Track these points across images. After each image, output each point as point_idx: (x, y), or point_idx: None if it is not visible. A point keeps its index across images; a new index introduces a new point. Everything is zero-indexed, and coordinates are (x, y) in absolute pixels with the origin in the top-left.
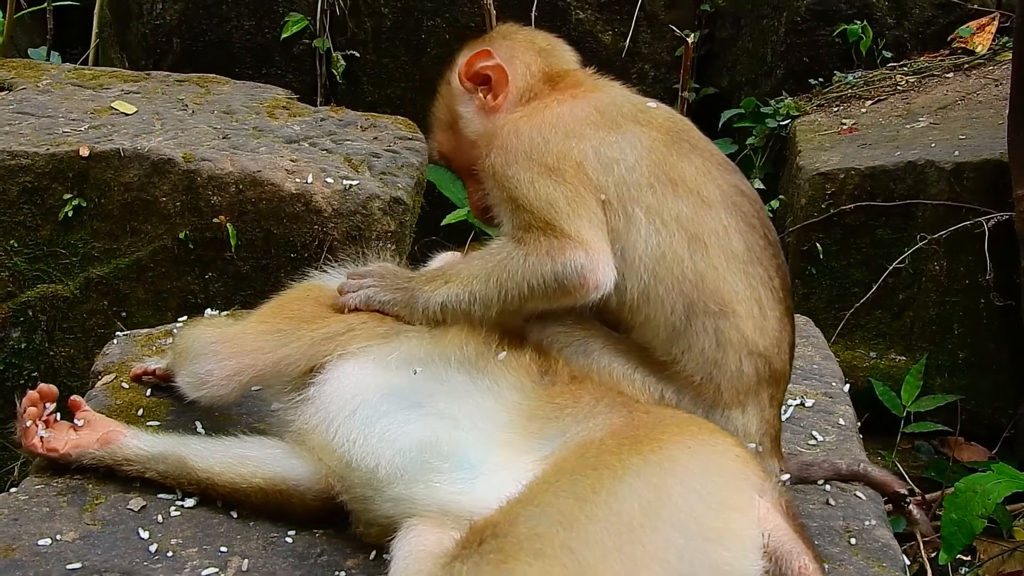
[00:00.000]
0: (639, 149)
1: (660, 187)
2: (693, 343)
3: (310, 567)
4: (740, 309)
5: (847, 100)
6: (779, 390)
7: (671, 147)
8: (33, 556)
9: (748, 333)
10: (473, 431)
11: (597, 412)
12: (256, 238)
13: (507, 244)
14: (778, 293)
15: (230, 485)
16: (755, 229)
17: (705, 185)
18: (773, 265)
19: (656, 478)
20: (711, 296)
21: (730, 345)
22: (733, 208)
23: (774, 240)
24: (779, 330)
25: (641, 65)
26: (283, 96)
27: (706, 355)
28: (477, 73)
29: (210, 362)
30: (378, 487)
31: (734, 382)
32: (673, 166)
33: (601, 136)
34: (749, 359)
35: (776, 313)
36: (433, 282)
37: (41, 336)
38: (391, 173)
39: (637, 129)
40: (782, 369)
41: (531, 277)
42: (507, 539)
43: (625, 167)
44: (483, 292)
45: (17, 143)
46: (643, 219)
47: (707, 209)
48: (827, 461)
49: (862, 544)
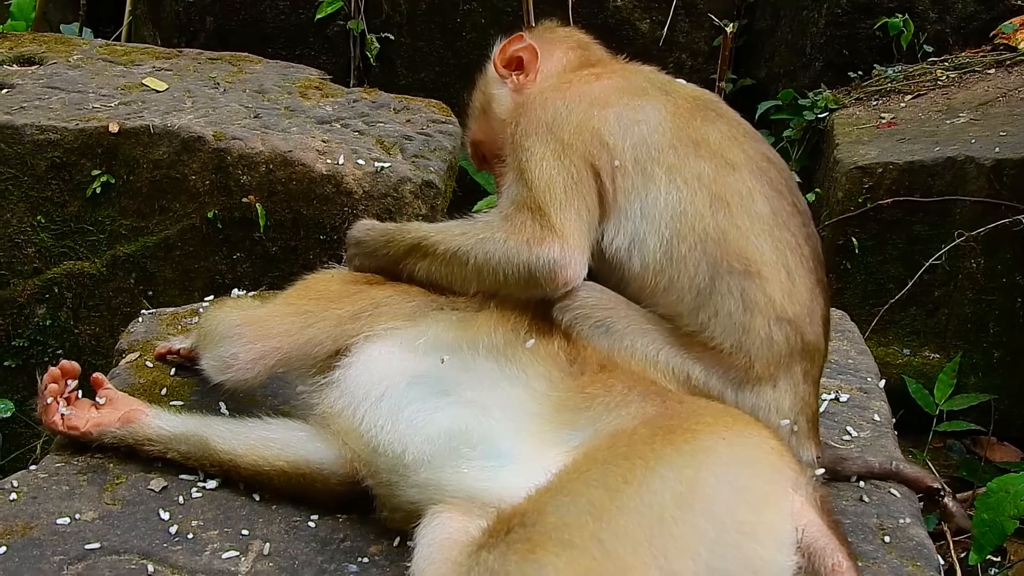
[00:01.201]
0: (662, 113)
1: (682, 148)
2: (720, 307)
3: (332, 552)
4: (766, 271)
5: (886, 94)
6: (814, 365)
7: (696, 112)
8: (52, 535)
9: (776, 296)
10: (503, 420)
11: (630, 401)
12: (285, 219)
13: (494, 221)
14: (808, 262)
15: (253, 467)
16: (783, 196)
17: (730, 148)
18: (803, 233)
19: (689, 469)
20: (735, 255)
21: (757, 308)
22: (759, 173)
23: (804, 210)
24: (810, 300)
25: (678, 54)
26: (316, 77)
27: (733, 319)
28: (511, 58)
29: (235, 345)
30: (404, 473)
31: (764, 350)
32: (697, 129)
33: (626, 101)
34: (779, 325)
35: (807, 282)
36: (412, 254)
37: (66, 313)
38: (423, 156)
39: (663, 97)
40: (815, 342)
41: (506, 265)
42: (535, 528)
43: (647, 128)
44: (460, 273)
45: (46, 118)
46: (663, 177)
47: (731, 171)
48: (861, 458)
49: (896, 543)
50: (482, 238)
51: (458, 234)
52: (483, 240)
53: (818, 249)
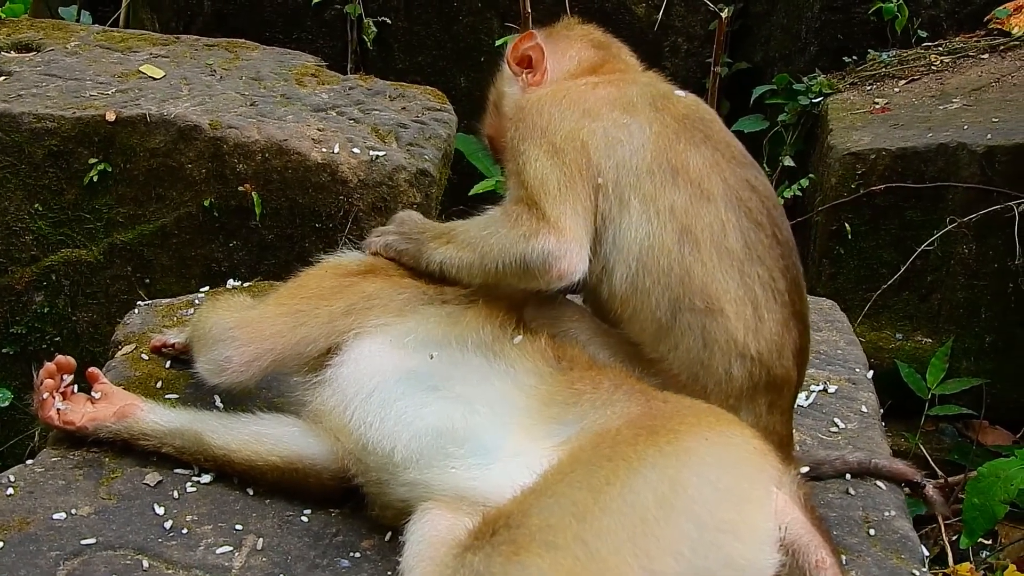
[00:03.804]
0: (647, 133)
1: (660, 174)
2: (679, 341)
3: (325, 547)
4: (729, 309)
5: (880, 79)
6: (782, 396)
7: (681, 135)
8: (48, 530)
9: (738, 335)
10: (489, 416)
11: (616, 400)
12: (281, 207)
13: (499, 215)
14: (783, 296)
15: (247, 462)
16: (761, 227)
17: (709, 177)
18: (779, 266)
19: (671, 470)
20: (697, 293)
21: (717, 346)
22: (737, 203)
23: (784, 240)
24: (780, 334)
25: (674, 39)
26: (312, 63)
27: (692, 355)
28: (522, 56)
29: (228, 348)
30: (393, 471)
31: (722, 385)
32: (679, 154)
33: (615, 117)
34: (740, 362)
35: (777, 316)
36: (439, 239)
37: (64, 301)
38: (418, 144)
39: (651, 114)
40: (784, 376)
41: (505, 255)
42: (520, 530)
43: (630, 150)
44: (469, 260)
45: (43, 105)
46: (637, 206)
47: (705, 202)
48: (839, 458)
49: (880, 535)
50: (487, 232)
51: (475, 226)
52: (487, 233)
53: (798, 279)
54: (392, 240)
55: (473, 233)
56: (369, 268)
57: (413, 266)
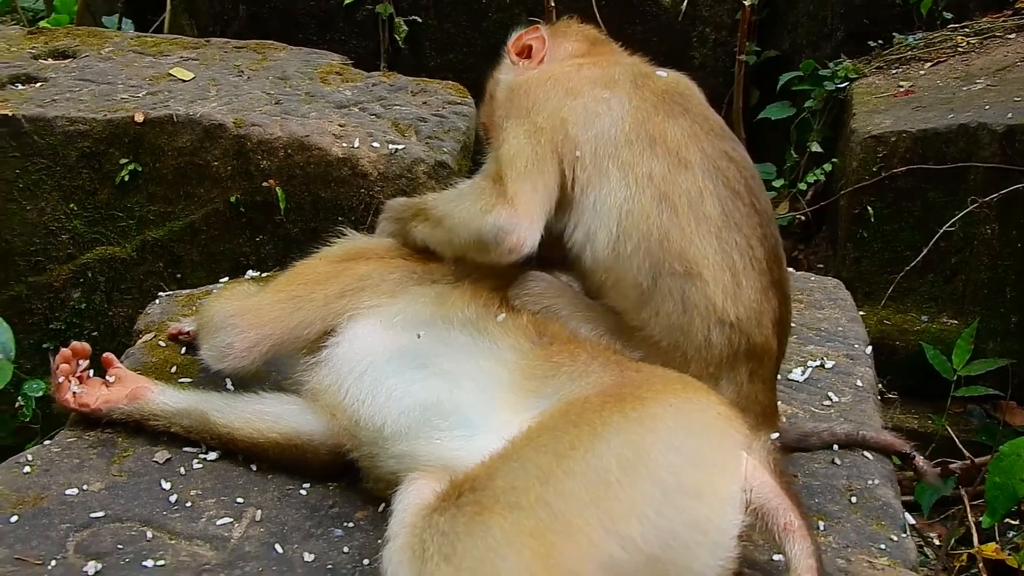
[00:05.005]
0: (626, 107)
1: (638, 143)
2: (660, 307)
3: (321, 518)
4: (707, 274)
5: (906, 62)
6: (763, 366)
7: (659, 107)
8: (60, 505)
9: (716, 300)
10: (473, 391)
11: (592, 371)
12: (304, 201)
13: (467, 188)
14: (760, 264)
15: (249, 440)
16: (739, 196)
17: (687, 146)
18: (757, 235)
19: (635, 435)
20: (676, 256)
21: (696, 311)
22: (715, 172)
23: (762, 209)
24: (758, 302)
25: (701, 28)
26: (337, 62)
27: (672, 320)
28: (523, 46)
29: (230, 335)
30: (384, 444)
31: (702, 352)
32: (657, 125)
33: (595, 93)
34: (719, 329)
35: (755, 284)
36: (416, 217)
37: (100, 296)
38: (437, 137)
39: (631, 89)
40: (764, 344)
41: (465, 228)
42: (484, 492)
43: (608, 121)
44: (441, 236)
45: (76, 109)
46: (616, 173)
47: (683, 170)
48: (827, 430)
49: (862, 503)
50: (454, 204)
51: (444, 199)
52: (454, 206)
53: (777, 250)
54: (383, 227)
55: (441, 208)
56: (361, 252)
57: (407, 246)
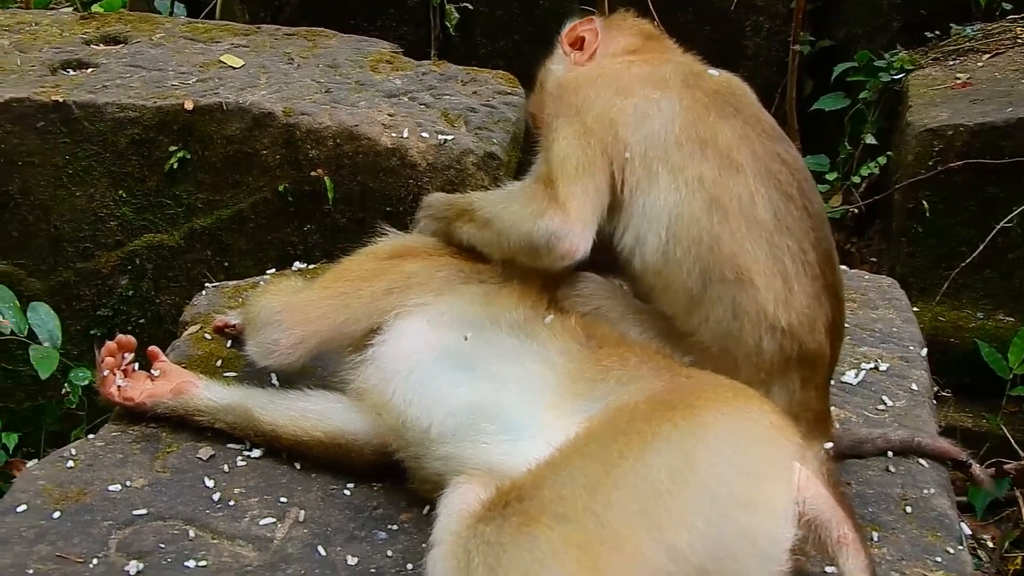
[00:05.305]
0: (676, 107)
1: (688, 145)
2: (710, 313)
3: (365, 520)
4: (758, 280)
5: (964, 54)
6: (816, 372)
7: (711, 108)
8: (103, 501)
9: (768, 307)
10: (520, 394)
11: (641, 375)
12: (353, 191)
13: (518, 190)
14: (813, 268)
15: (293, 438)
16: (791, 199)
17: (739, 148)
18: (810, 239)
19: (686, 444)
20: (726, 262)
21: (747, 318)
22: (767, 175)
23: (815, 212)
24: (811, 307)
25: (755, 18)
26: (388, 50)
27: (722, 327)
28: (577, 37)
29: (276, 331)
30: (430, 446)
31: (752, 359)
32: (708, 126)
33: (646, 93)
34: (770, 335)
35: (808, 289)
36: (462, 216)
37: (148, 284)
38: (487, 128)
39: (682, 90)
40: (817, 350)
41: (515, 232)
42: (531, 502)
43: (659, 123)
44: (488, 238)
45: (127, 96)
46: (665, 176)
47: (734, 173)
48: (882, 436)
49: (917, 513)
50: (503, 207)
51: (492, 200)
52: (503, 208)
53: (830, 253)
54: (424, 225)
55: (489, 209)
56: (408, 249)
57: (450, 244)
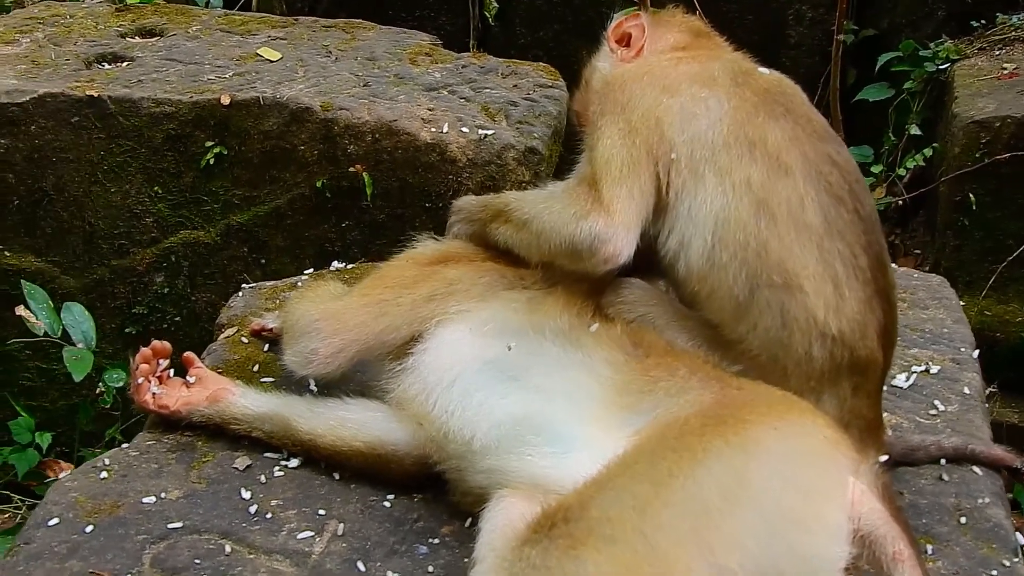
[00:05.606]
0: (724, 107)
1: (736, 147)
2: (758, 320)
3: (405, 533)
4: (808, 285)
5: (1010, 43)
6: (868, 379)
7: (760, 108)
8: (137, 514)
9: (818, 313)
10: (566, 406)
11: (690, 387)
12: (392, 187)
13: (560, 191)
14: (865, 273)
15: (331, 447)
16: (842, 202)
17: (788, 150)
18: (861, 243)
19: (738, 461)
20: (774, 268)
21: (796, 325)
22: (817, 177)
23: (866, 215)
24: (862, 313)
25: (798, 6)
26: (427, 43)
27: (771, 334)
28: (623, 33)
29: (314, 340)
30: (472, 458)
31: (802, 367)
32: (757, 127)
33: (693, 91)
34: (820, 342)
35: (859, 294)
36: (497, 218)
37: (183, 281)
38: (528, 122)
39: (731, 88)
40: (869, 356)
41: (556, 234)
42: (578, 524)
43: (706, 123)
44: (527, 240)
45: (163, 90)
46: (712, 179)
47: (783, 175)
48: (935, 443)
49: (972, 524)
50: (544, 207)
51: (530, 201)
52: (543, 209)
53: (882, 257)
54: (458, 228)
55: (528, 209)
56: (450, 254)
57: (482, 245)
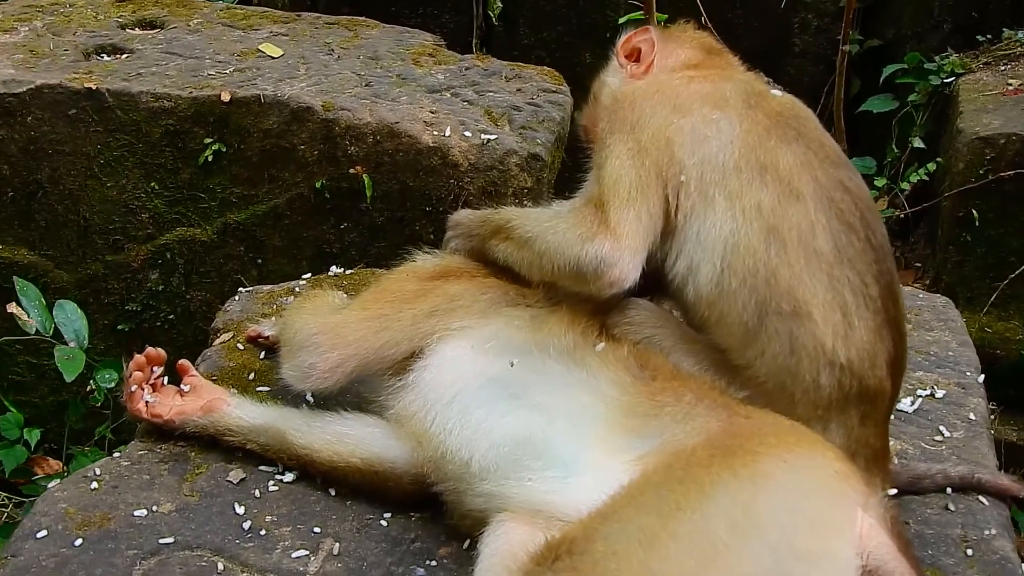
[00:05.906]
0: (736, 129)
1: (747, 171)
2: (766, 347)
3: (402, 554)
4: (816, 314)
5: (1015, 59)
6: (876, 408)
7: (772, 131)
8: (128, 527)
9: (826, 342)
10: (568, 428)
11: (697, 413)
12: (392, 190)
13: (566, 211)
14: (875, 302)
15: (328, 463)
16: (853, 230)
17: (800, 175)
18: (872, 271)
19: (746, 494)
20: (784, 295)
21: (804, 353)
22: (828, 204)
23: (878, 244)
24: (871, 342)
25: (804, 15)
26: (430, 43)
27: (779, 362)
28: (634, 48)
29: (312, 355)
30: (471, 481)
31: (810, 395)
32: (768, 151)
33: (704, 112)
34: (828, 371)
35: (869, 323)
36: (497, 235)
37: (178, 279)
38: (531, 128)
39: (743, 110)
40: (877, 386)
41: (560, 255)
42: (583, 557)
43: (717, 145)
44: (529, 259)
45: (162, 85)
46: (722, 203)
47: (794, 201)
48: (941, 472)
49: (978, 556)
50: (548, 226)
51: (534, 219)
52: (548, 228)
53: (892, 286)
54: (456, 244)
55: (531, 228)
56: (452, 269)
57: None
